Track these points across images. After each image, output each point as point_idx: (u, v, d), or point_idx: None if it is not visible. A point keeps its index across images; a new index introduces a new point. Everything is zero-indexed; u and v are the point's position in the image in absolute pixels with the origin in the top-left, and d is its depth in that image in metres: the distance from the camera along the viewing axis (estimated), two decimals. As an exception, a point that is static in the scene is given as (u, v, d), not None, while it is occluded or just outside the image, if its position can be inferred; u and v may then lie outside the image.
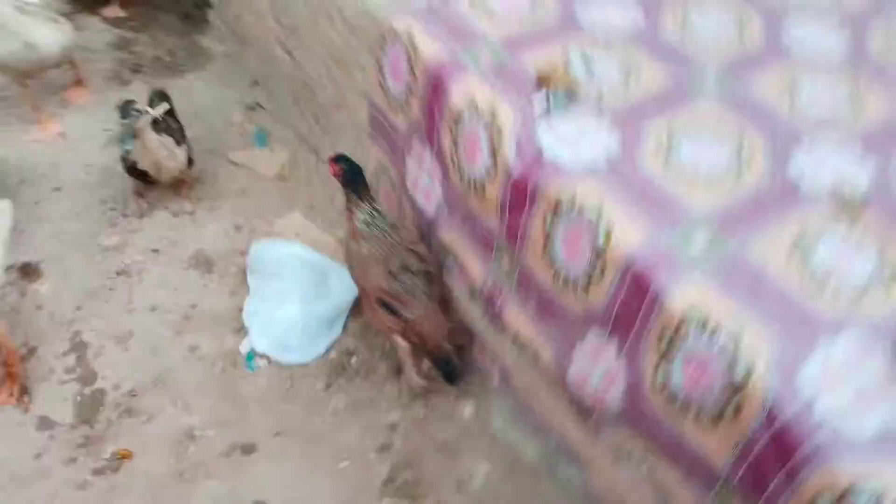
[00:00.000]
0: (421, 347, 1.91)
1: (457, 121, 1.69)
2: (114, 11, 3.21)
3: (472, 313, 1.94)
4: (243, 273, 2.30)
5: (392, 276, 1.86)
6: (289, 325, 2.10)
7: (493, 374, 1.94)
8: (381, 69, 1.93)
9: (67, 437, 1.89)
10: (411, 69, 1.80)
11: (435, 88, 1.74)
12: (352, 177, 1.92)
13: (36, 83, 2.65)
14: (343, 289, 2.19)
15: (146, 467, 1.85)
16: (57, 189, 2.49)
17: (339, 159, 1.94)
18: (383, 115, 2.02)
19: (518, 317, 1.73)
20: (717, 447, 1.29)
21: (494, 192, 1.63)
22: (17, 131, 2.64)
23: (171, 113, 2.37)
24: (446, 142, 1.76)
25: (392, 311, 1.89)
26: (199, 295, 2.25)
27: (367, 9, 1.93)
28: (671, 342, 1.31)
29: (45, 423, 1.91)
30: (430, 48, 1.75)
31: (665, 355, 1.33)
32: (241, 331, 2.15)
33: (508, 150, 1.56)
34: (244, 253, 2.34)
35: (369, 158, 2.19)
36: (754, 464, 1.23)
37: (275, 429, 1.95)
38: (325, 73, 2.31)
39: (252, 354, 2.11)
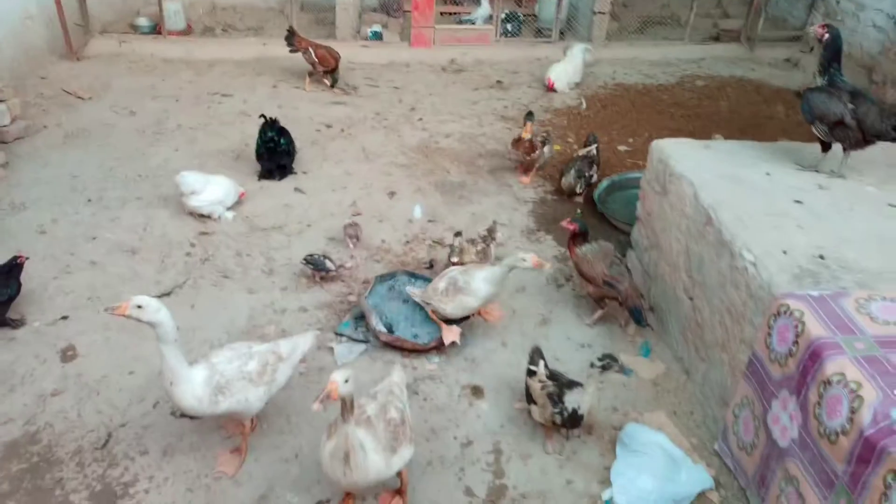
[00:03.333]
0: (624, 304, 3.61)
1: (825, 384, 2.30)
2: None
3: (801, 538, 2.38)
4: (613, 442, 3.07)
5: (609, 266, 3.59)
6: (645, 493, 2.77)
7: None
8: (769, 330, 2.65)
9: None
10: (796, 338, 2.49)
11: (812, 357, 2.39)
12: (581, 230, 3.74)
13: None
14: (691, 483, 2.81)
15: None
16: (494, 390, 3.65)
17: (575, 220, 3.81)
18: (761, 364, 2.70)
19: (845, 549, 2.16)
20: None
21: (846, 443, 2.17)
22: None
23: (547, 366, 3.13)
24: (812, 397, 2.36)
25: (611, 286, 3.57)
26: (579, 447, 3.07)
27: (771, 287, 2.71)
28: None
29: (468, 492, 2.85)
30: (816, 328, 2.43)
31: None
32: (605, 482, 2.89)
33: (865, 416, 2.12)
34: (616, 428, 3.13)
35: (737, 390, 2.86)
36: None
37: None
38: (718, 319, 3.10)
39: (609, 502, 2.81)
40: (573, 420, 2.94)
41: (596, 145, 4.95)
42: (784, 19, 8.33)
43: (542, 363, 3.06)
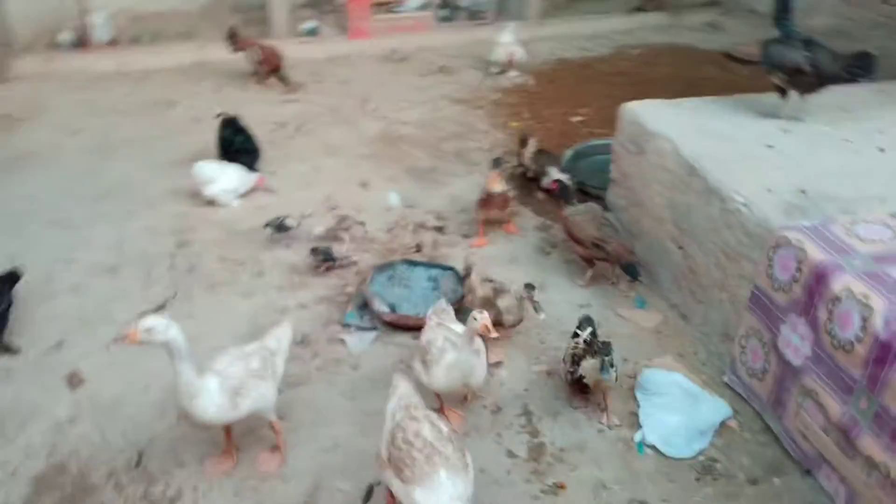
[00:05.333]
0: (616, 262, 3.74)
1: (834, 300, 2.54)
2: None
3: (824, 442, 2.62)
4: (631, 389, 3.25)
5: (598, 228, 3.74)
6: (673, 429, 2.96)
7: (840, 492, 2.56)
8: (770, 262, 2.87)
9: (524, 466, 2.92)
10: (798, 265, 2.72)
11: (817, 279, 2.62)
12: (562, 192, 4.02)
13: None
14: (712, 414, 3.03)
15: (573, 499, 2.77)
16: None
17: (558, 181, 4.15)
18: (765, 295, 2.92)
19: (871, 443, 2.39)
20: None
21: (862, 350, 2.41)
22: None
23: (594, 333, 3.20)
24: (822, 315, 2.60)
25: (599, 248, 3.71)
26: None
27: (767, 223, 2.93)
28: None
29: (510, 454, 2.97)
30: (816, 254, 2.67)
31: None
32: (633, 426, 3.06)
33: (878, 323, 2.35)
34: (630, 377, 3.31)
35: (741, 322, 3.09)
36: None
37: (662, 496, 2.76)
38: (713, 262, 3.33)
39: (642, 444, 2.98)
40: (579, 384, 3.05)
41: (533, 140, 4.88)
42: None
43: (588, 330, 3.13)
